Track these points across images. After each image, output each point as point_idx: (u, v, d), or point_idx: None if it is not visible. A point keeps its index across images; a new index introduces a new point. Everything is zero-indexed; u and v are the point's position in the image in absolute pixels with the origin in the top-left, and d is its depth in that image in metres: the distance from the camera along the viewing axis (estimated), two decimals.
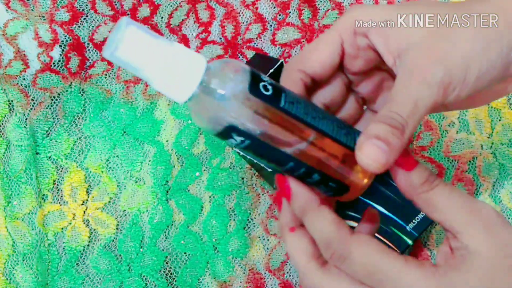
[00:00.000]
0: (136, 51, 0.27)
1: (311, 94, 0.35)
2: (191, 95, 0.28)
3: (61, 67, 0.58)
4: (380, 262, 0.30)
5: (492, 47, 0.30)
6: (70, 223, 0.55)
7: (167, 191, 0.56)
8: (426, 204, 0.31)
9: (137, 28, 0.27)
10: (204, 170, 0.56)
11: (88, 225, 0.55)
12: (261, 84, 0.29)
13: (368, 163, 0.29)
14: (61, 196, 0.55)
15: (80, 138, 0.57)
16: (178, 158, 0.56)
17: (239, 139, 0.29)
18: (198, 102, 0.29)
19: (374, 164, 0.29)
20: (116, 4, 0.59)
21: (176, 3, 0.59)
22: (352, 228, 0.32)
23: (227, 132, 0.29)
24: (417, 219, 0.51)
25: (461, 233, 0.29)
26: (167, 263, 0.55)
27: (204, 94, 0.28)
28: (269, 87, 0.29)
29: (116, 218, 0.55)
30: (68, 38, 0.58)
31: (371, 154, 0.29)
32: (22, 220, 0.54)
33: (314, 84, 0.35)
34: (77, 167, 0.56)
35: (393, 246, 0.51)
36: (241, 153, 0.37)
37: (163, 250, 0.55)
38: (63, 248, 0.54)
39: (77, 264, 0.54)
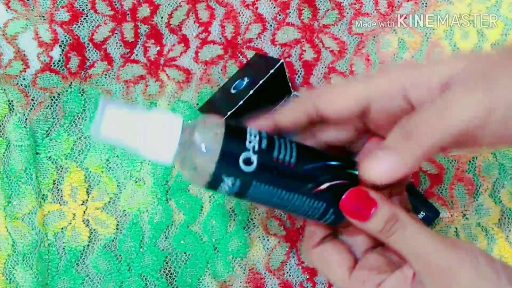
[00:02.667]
0: (116, 129, 0.30)
1: (316, 128, 0.35)
2: (174, 155, 0.30)
3: (61, 67, 0.58)
4: (330, 273, 0.33)
5: None
6: (70, 223, 0.55)
7: (167, 191, 0.56)
8: (391, 245, 0.31)
9: (114, 107, 0.30)
10: None
11: (88, 225, 0.55)
12: (242, 157, 0.30)
13: (371, 174, 0.30)
14: (61, 196, 0.55)
15: (80, 138, 0.57)
16: None
17: (229, 180, 0.30)
18: (183, 159, 0.31)
19: (377, 175, 0.30)
20: (116, 4, 0.59)
21: (176, 3, 0.59)
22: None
23: (217, 178, 0.30)
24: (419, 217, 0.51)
25: (424, 283, 0.30)
26: (167, 263, 0.55)
27: (187, 151, 0.30)
28: (253, 158, 0.30)
29: (116, 218, 0.55)
30: (68, 38, 0.58)
31: (375, 166, 0.30)
32: (22, 220, 0.54)
33: (322, 120, 0.34)
34: (77, 167, 0.56)
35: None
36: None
37: (163, 250, 0.55)
38: (63, 248, 0.54)
39: (77, 264, 0.54)
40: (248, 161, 0.30)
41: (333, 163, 0.32)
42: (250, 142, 0.31)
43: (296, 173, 0.31)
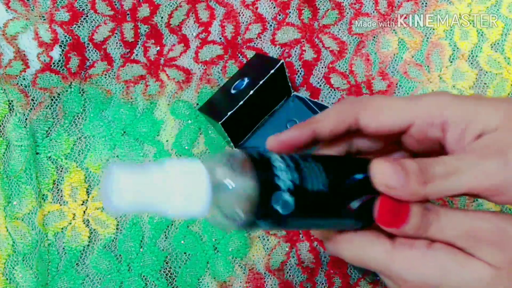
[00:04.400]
0: (134, 195, 0.26)
1: (348, 135, 0.35)
2: (209, 208, 0.27)
3: (61, 67, 0.58)
4: (367, 254, 0.31)
5: None
6: (70, 223, 0.55)
7: None
8: (432, 237, 0.31)
9: (125, 173, 0.26)
10: None
11: (88, 225, 0.55)
12: (278, 201, 0.28)
13: (377, 175, 0.30)
14: (61, 196, 0.55)
15: (80, 138, 0.57)
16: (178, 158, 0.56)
17: (266, 224, 0.28)
18: (217, 205, 0.28)
19: (381, 180, 0.30)
20: (116, 4, 0.59)
21: (176, 3, 0.59)
22: None
23: (252, 223, 0.28)
24: None
25: (473, 254, 0.29)
26: (167, 263, 0.55)
27: (219, 196, 0.27)
28: (290, 200, 0.28)
29: (116, 218, 0.55)
30: (68, 38, 0.58)
31: (386, 173, 0.29)
32: (22, 220, 0.54)
33: (357, 131, 0.34)
34: (77, 167, 0.56)
35: None
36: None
37: (163, 250, 0.55)
38: (63, 248, 0.54)
39: (77, 264, 0.54)
40: (285, 204, 0.28)
41: (359, 176, 0.31)
42: (281, 178, 0.28)
43: (330, 200, 0.30)
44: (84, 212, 0.55)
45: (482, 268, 0.29)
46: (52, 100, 0.57)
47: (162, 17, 0.59)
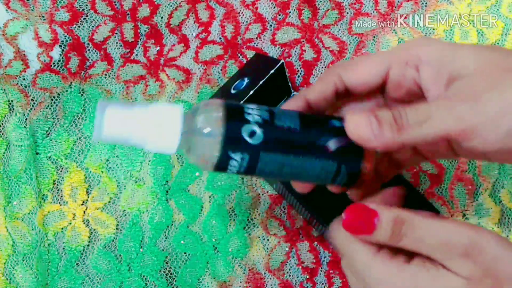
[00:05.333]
0: (118, 128, 0.30)
1: (341, 101, 0.36)
2: (178, 144, 0.31)
3: (61, 67, 0.58)
4: (352, 249, 0.31)
5: None
6: (70, 223, 0.55)
7: (167, 191, 0.56)
8: (406, 247, 0.31)
9: (114, 107, 0.30)
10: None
11: (88, 225, 0.55)
12: (246, 131, 0.31)
13: (351, 129, 0.31)
14: (61, 196, 0.55)
15: (80, 138, 0.57)
16: (178, 158, 0.56)
17: (237, 156, 0.31)
18: (188, 146, 0.31)
19: (356, 134, 0.31)
20: (116, 4, 0.59)
21: (176, 3, 0.59)
22: None
23: (224, 157, 0.31)
24: None
25: (445, 265, 0.30)
26: (167, 263, 0.55)
27: (191, 138, 0.31)
28: (258, 130, 0.31)
29: (116, 218, 0.55)
30: (68, 38, 0.58)
31: (360, 124, 0.31)
32: (22, 220, 0.54)
33: (347, 94, 0.35)
34: (77, 167, 0.56)
35: None
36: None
37: (163, 250, 0.55)
38: (63, 248, 0.54)
39: (77, 264, 0.54)
40: (253, 134, 0.31)
41: (337, 123, 0.33)
42: (251, 115, 0.31)
43: (303, 136, 0.32)
44: (84, 212, 0.55)
45: (455, 280, 0.29)
46: (52, 100, 0.57)
47: (162, 17, 0.59)
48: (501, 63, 0.30)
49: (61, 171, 0.56)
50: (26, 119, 0.56)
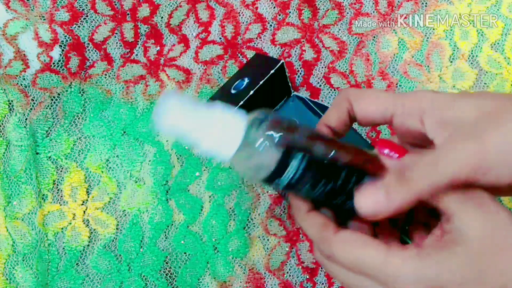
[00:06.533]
0: (182, 119, 0.31)
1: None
2: (236, 151, 0.32)
3: (61, 67, 0.58)
4: (362, 255, 0.31)
5: None
6: (70, 223, 0.55)
7: (167, 191, 0.56)
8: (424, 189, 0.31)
9: (180, 98, 0.31)
10: (204, 170, 0.56)
11: (88, 225, 0.55)
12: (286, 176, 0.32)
13: (365, 212, 0.32)
14: (61, 196, 0.55)
15: (80, 138, 0.57)
16: (178, 158, 0.56)
17: (295, 164, 0.32)
18: (243, 155, 0.32)
19: (366, 213, 0.32)
20: (116, 4, 0.59)
21: (176, 3, 0.59)
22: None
23: (282, 166, 0.32)
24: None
25: (454, 215, 0.30)
26: (167, 263, 0.55)
27: (247, 148, 0.32)
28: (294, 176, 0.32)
29: (116, 218, 0.55)
30: (68, 38, 0.58)
31: (369, 204, 0.32)
32: (22, 220, 0.54)
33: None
34: (77, 167, 0.56)
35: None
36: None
37: (163, 250, 0.55)
38: (63, 248, 0.54)
39: (77, 264, 0.54)
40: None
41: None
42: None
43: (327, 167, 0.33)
44: (84, 212, 0.55)
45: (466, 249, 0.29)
46: (52, 100, 0.57)
47: (162, 17, 0.59)
48: (505, 105, 0.31)
49: (61, 171, 0.56)
50: (26, 119, 0.56)
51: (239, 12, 0.59)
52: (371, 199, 0.31)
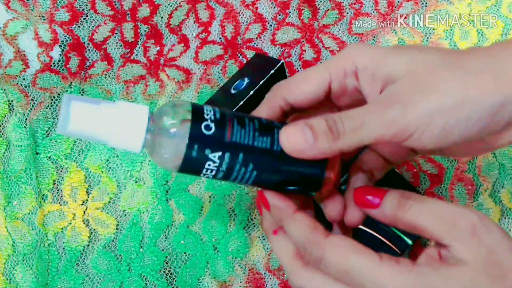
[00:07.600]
0: (83, 122, 0.30)
1: (293, 115, 0.36)
2: (143, 143, 0.31)
3: (61, 67, 0.58)
4: (354, 261, 0.31)
5: (466, 106, 0.30)
6: (70, 223, 0.55)
7: (167, 191, 0.56)
8: (409, 227, 0.32)
9: (79, 101, 0.30)
10: None
11: (88, 225, 0.55)
12: (203, 124, 0.32)
13: (285, 142, 0.32)
14: (61, 196, 0.55)
15: (80, 138, 0.57)
16: None
17: (215, 155, 0.31)
18: (154, 146, 0.32)
19: (289, 146, 0.32)
20: (116, 4, 0.59)
21: (176, 3, 0.59)
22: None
23: (200, 154, 0.31)
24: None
25: (449, 246, 0.30)
26: (167, 263, 0.55)
27: (157, 138, 0.31)
28: (212, 125, 0.32)
29: (116, 218, 0.55)
30: (68, 38, 0.58)
31: (293, 137, 0.31)
32: (22, 220, 0.54)
33: (296, 109, 0.36)
34: (77, 167, 0.56)
35: (393, 246, 0.51)
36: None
37: (163, 250, 0.55)
38: (63, 248, 0.54)
39: (77, 264, 0.54)
40: (207, 127, 0.32)
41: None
42: (207, 115, 0.32)
43: (261, 123, 0.33)
44: (84, 212, 0.55)
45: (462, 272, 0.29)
46: (52, 100, 0.57)
47: (162, 17, 0.59)
48: (434, 64, 0.31)
49: (61, 171, 0.56)
50: (26, 119, 0.56)
51: (239, 12, 0.59)
52: (297, 135, 0.31)
